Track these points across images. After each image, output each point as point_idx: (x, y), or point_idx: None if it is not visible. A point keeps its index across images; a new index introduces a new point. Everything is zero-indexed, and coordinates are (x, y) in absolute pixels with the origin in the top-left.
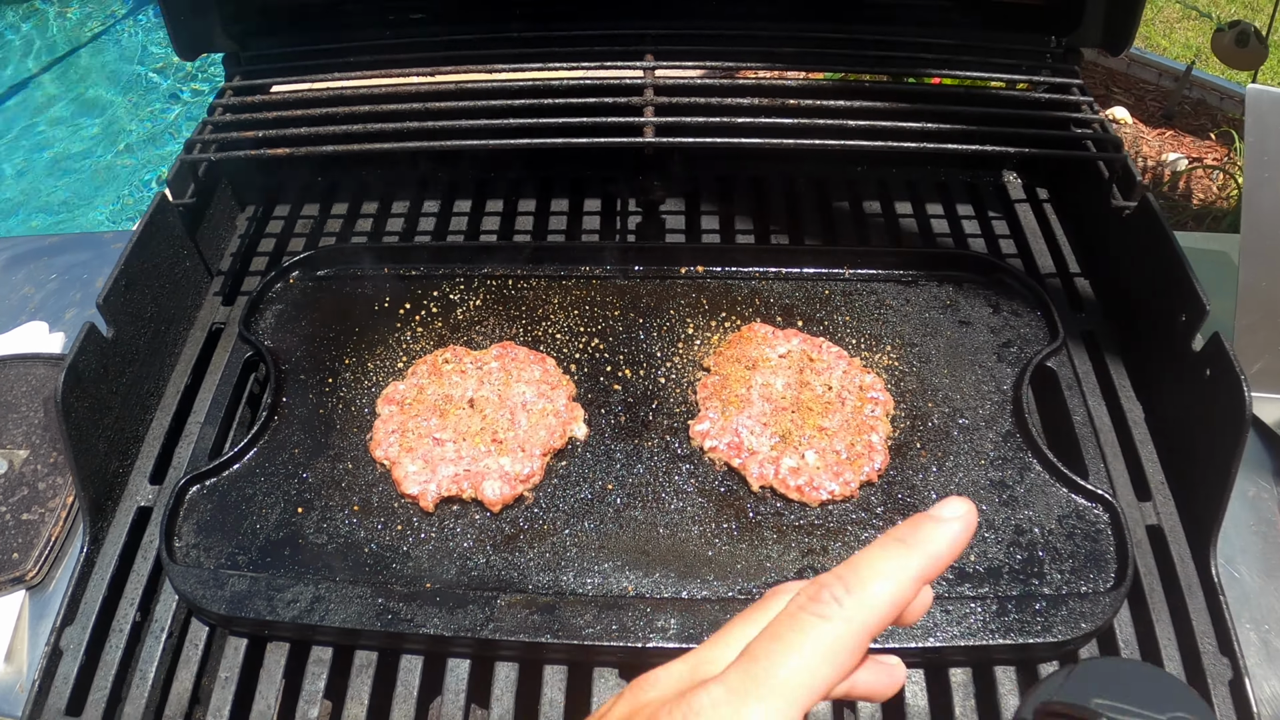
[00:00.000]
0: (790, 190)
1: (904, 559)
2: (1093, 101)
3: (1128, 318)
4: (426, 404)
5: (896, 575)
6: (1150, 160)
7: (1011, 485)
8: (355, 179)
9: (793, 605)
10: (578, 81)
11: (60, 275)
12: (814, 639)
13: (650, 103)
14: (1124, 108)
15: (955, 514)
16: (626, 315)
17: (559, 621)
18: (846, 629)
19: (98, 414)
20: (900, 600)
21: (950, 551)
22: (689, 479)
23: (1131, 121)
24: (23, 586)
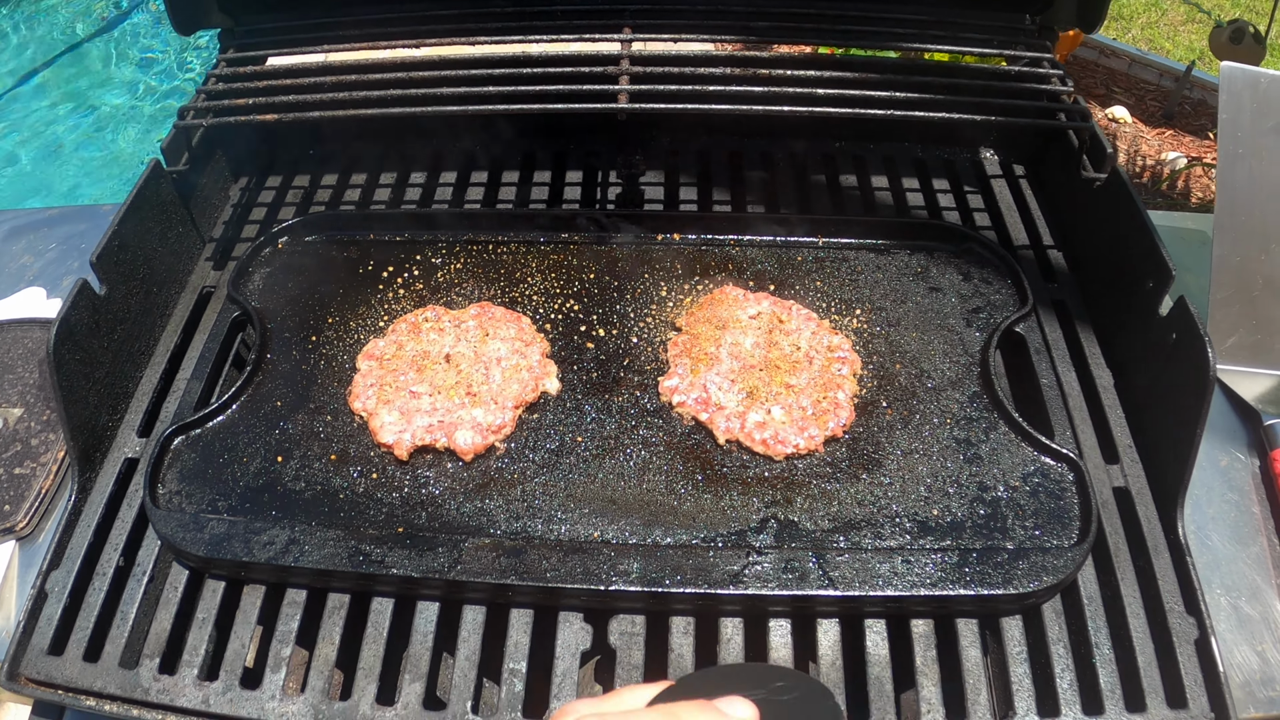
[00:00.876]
0: (768, 165)
1: None
2: (1064, 75)
3: (1098, 287)
4: (405, 359)
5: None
6: (1150, 159)
7: (976, 444)
8: (345, 152)
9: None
10: (557, 53)
11: (59, 245)
12: None
13: (626, 72)
14: (1124, 107)
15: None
16: (602, 278)
17: (525, 564)
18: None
19: (88, 368)
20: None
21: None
22: (657, 433)
23: (1131, 121)
24: (13, 537)
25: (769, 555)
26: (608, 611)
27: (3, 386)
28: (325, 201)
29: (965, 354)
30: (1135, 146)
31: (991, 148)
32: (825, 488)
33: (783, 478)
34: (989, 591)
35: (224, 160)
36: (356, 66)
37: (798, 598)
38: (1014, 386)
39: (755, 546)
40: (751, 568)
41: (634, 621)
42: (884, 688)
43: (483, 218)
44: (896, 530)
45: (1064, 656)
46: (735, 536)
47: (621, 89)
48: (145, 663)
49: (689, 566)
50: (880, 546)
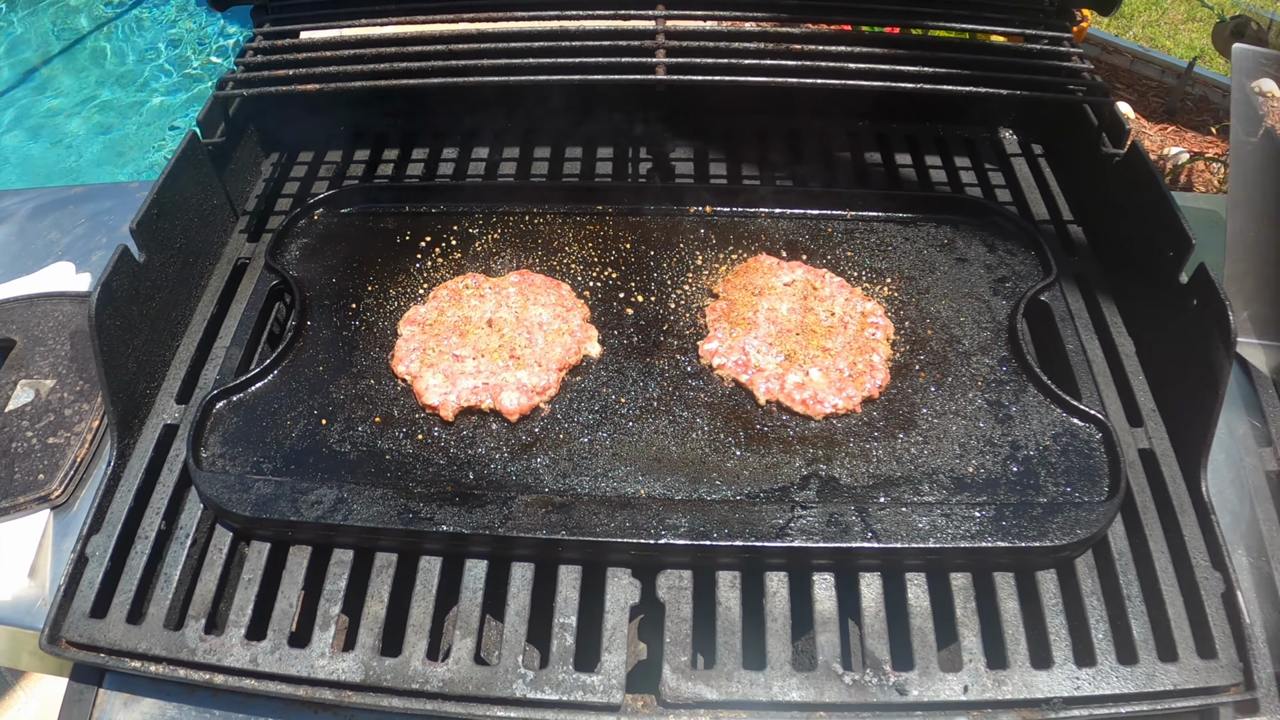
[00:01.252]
0: (795, 142)
1: None
2: (1082, 53)
3: (1119, 259)
4: (447, 325)
5: None
6: (1152, 154)
7: (1007, 405)
8: (376, 127)
9: None
10: (594, 28)
11: (88, 221)
12: None
13: (662, 45)
14: (1127, 103)
15: None
16: (638, 248)
17: (574, 520)
18: None
19: (128, 334)
20: None
21: None
22: (698, 394)
23: (1134, 117)
24: (48, 506)
25: (813, 510)
26: (655, 566)
27: (34, 358)
28: (358, 176)
29: (993, 321)
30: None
31: (1010, 127)
32: (864, 446)
33: (822, 437)
34: (1025, 544)
35: (255, 135)
36: (396, 39)
37: (841, 550)
38: (1039, 353)
39: (799, 501)
40: (796, 521)
41: (681, 576)
42: (926, 638)
43: (519, 190)
44: (934, 486)
45: (1098, 608)
46: (779, 492)
47: (659, 61)
48: (190, 624)
49: (735, 520)
50: (919, 502)
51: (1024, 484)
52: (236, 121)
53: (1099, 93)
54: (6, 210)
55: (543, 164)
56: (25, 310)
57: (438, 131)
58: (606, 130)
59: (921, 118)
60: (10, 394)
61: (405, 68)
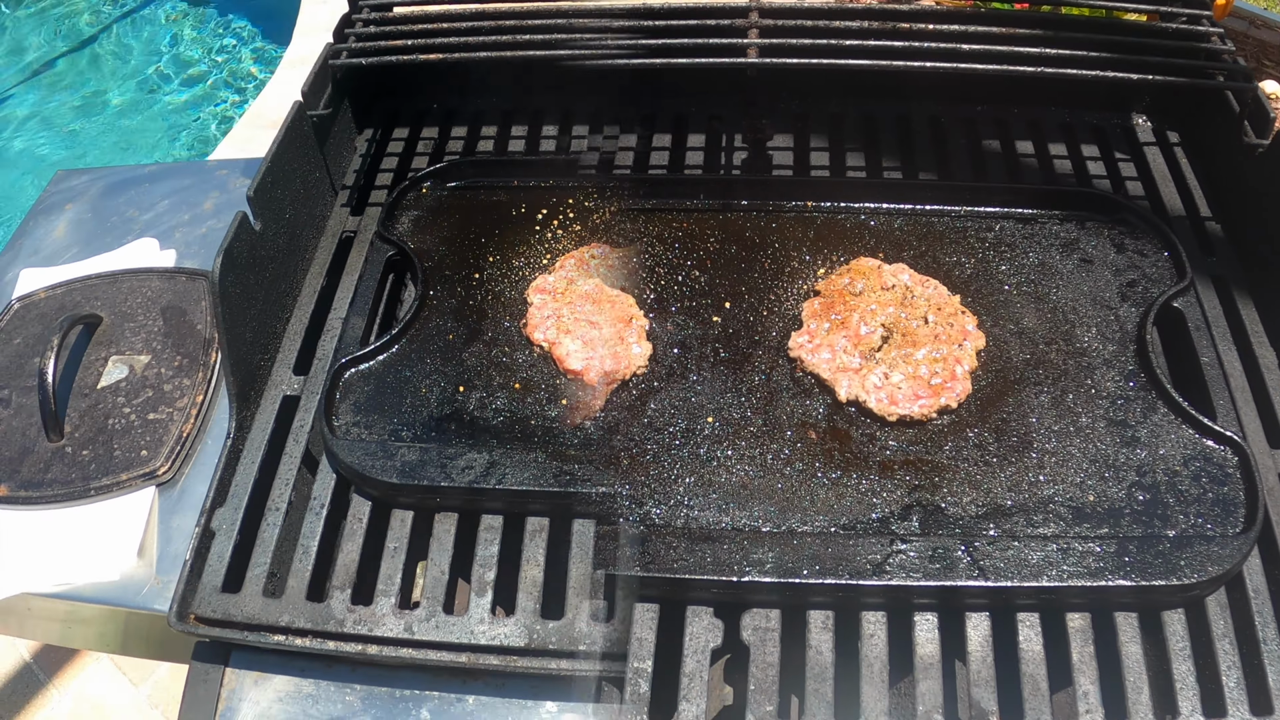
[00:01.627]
0: (904, 129)
1: None
2: (1223, 33)
3: (1261, 261)
4: (578, 293)
5: None
6: None
7: (1134, 425)
8: (472, 107)
9: None
10: (680, 3)
11: (169, 198)
12: None
13: (755, 24)
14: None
15: None
16: (727, 248)
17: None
18: None
19: (245, 302)
20: None
21: None
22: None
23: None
24: (154, 482)
25: (914, 543)
26: (740, 605)
27: (125, 334)
28: (457, 152)
29: (1120, 330)
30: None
31: (1144, 113)
32: (972, 471)
33: (927, 461)
34: (1151, 582)
35: (349, 112)
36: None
37: (946, 589)
38: (1171, 365)
39: (899, 534)
40: (895, 557)
41: (769, 616)
42: (1038, 685)
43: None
44: (1050, 517)
45: (1230, 653)
46: (877, 523)
47: (751, 43)
48: (335, 594)
49: (828, 556)
50: (1033, 534)
51: (1150, 514)
52: (336, 95)
53: (1241, 77)
54: (76, 189)
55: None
56: (109, 287)
57: (536, 109)
58: (698, 115)
59: (1046, 102)
60: (101, 370)
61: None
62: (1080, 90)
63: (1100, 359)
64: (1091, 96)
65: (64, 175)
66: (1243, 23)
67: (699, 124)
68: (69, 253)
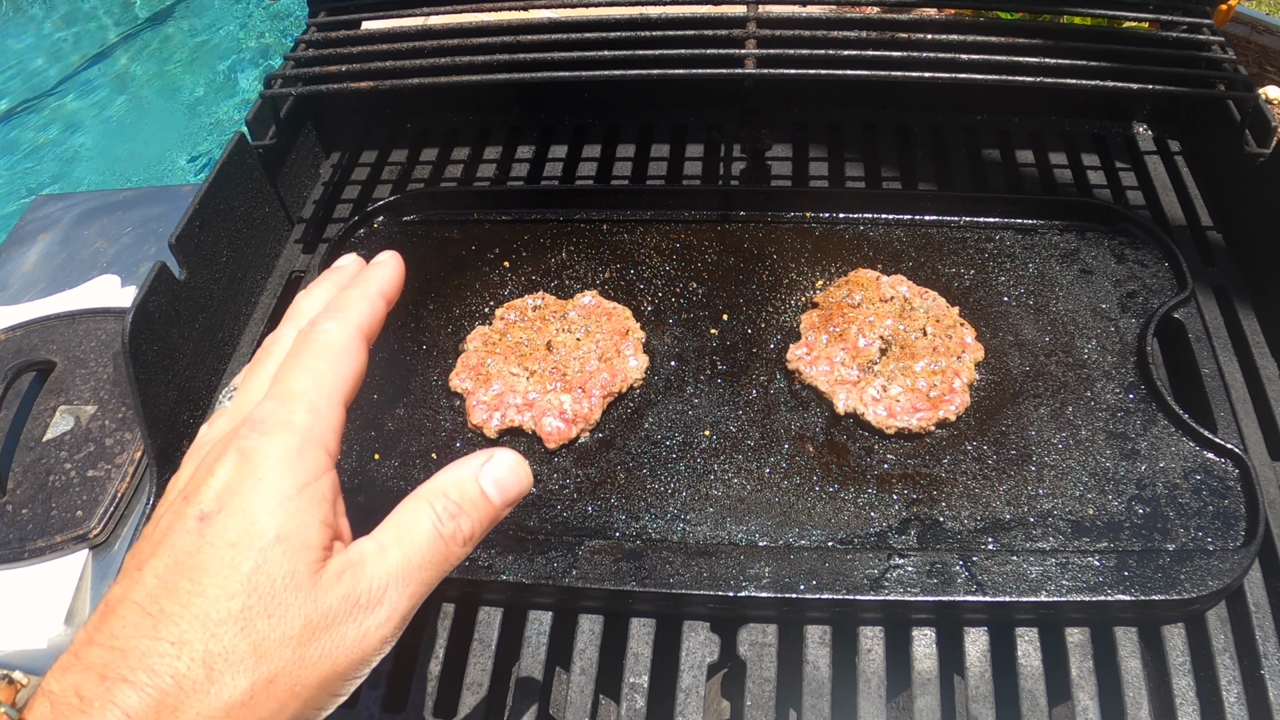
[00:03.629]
0: (904, 139)
1: (363, 286)
2: (1224, 41)
3: (1262, 271)
4: (508, 346)
5: (364, 292)
6: None
7: (1134, 438)
8: (445, 125)
9: (300, 334)
10: (677, 14)
11: (135, 229)
12: (318, 346)
13: (752, 35)
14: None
15: (383, 259)
16: (725, 260)
17: (645, 569)
18: (341, 331)
19: (167, 359)
20: (371, 309)
21: (388, 278)
22: (787, 424)
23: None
24: (86, 545)
25: (912, 557)
26: (737, 620)
27: (75, 382)
28: (424, 179)
29: (1120, 341)
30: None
31: (1145, 122)
32: (971, 485)
33: (925, 474)
34: (1150, 597)
35: (314, 135)
36: (460, 30)
37: (944, 604)
38: (1171, 376)
39: (897, 548)
40: (893, 571)
41: (765, 631)
42: (1037, 701)
43: (596, 195)
44: (1049, 531)
45: (1230, 667)
46: (875, 538)
47: (748, 53)
48: None
49: (825, 570)
50: (1032, 548)
51: (1150, 528)
52: (291, 120)
53: (1242, 86)
54: (51, 217)
55: (625, 164)
56: (66, 328)
57: (511, 128)
58: (696, 126)
59: (1046, 111)
60: (49, 421)
61: (469, 62)
62: (1081, 99)
63: (1100, 371)
64: (1092, 106)
65: (43, 201)
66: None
67: (697, 134)
68: (36, 288)
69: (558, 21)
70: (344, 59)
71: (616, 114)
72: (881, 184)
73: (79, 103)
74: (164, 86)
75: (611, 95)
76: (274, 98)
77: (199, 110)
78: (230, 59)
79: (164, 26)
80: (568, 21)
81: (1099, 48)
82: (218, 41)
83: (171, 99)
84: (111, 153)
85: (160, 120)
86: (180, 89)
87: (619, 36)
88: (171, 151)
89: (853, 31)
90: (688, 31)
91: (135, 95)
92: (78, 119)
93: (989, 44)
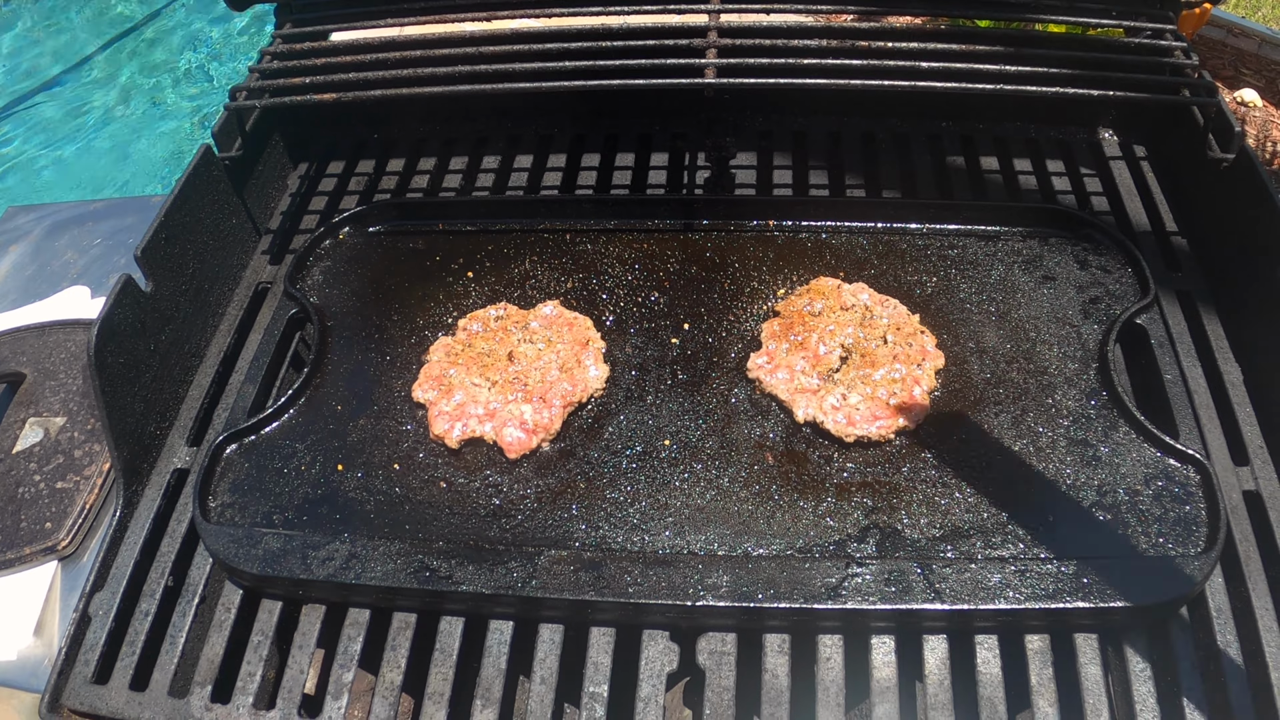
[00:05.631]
0: (868, 146)
1: None
2: (1188, 48)
3: (1227, 276)
4: (470, 356)
5: None
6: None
7: (1095, 444)
8: (412, 135)
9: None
10: (639, 25)
11: (105, 240)
12: None
13: (713, 44)
14: (1254, 90)
15: None
16: (688, 269)
17: (605, 579)
18: None
19: (133, 372)
20: None
21: None
22: (748, 433)
23: (1262, 105)
24: (55, 557)
25: (870, 566)
26: (696, 629)
27: (44, 394)
28: (391, 189)
29: (1082, 348)
30: (1265, 132)
31: (1110, 127)
32: (930, 493)
33: (885, 483)
34: (1110, 604)
35: (281, 145)
36: (423, 41)
37: (902, 612)
38: (1134, 382)
39: (855, 557)
40: (851, 580)
41: (724, 639)
42: (996, 709)
43: (560, 204)
44: (1009, 538)
45: (1190, 673)
46: (834, 546)
47: (708, 63)
48: (196, 691)
49: (783, 579)
50: (991, 556)
51: (1111, 535)
52: (258, 132)
53: (1205, 91)
54: (21, 228)
55: (590, 173)
56: (36, 340)
57: (477, 138)
58: (661, 135)
59: (1010, 118)
60: (19, 433)
61: (433, 74)
62: (1045, 106)
63: (1061, 377)
64: (1057, 112)
65: (14, 212)
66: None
67: (662, 143)
68: (6, 300)
69: (520, 33)
70: (309, 70)
71: (582, 124)
72: (846, 191)
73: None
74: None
75: (577, 105)
76: (239, 110)
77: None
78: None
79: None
80: (530, 33)
81: (1062, 54)
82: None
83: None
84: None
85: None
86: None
87: (580, 47)
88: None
89: (814, 40)
90: (649, 41)
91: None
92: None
93: (950, 51)
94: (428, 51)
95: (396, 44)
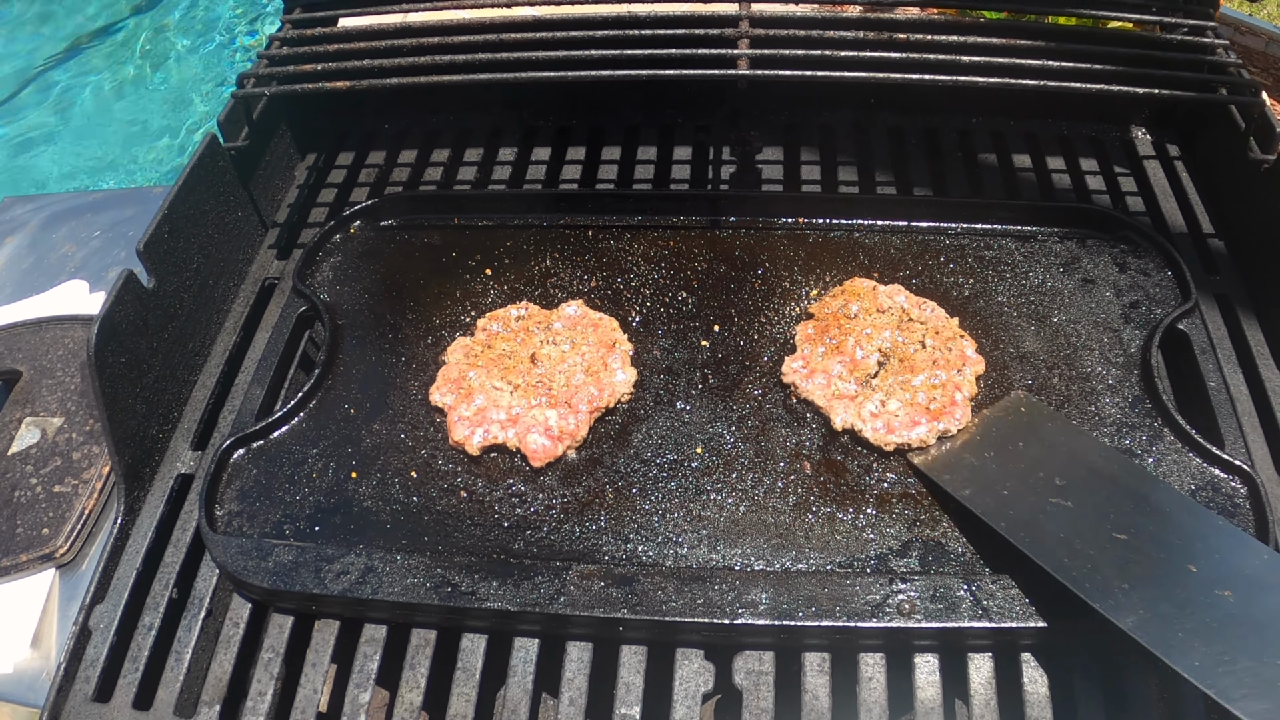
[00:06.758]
0: (898, 142)
1: None
2: (1228, 45)
3: (1268, 280)
4: (491, 358)
5: None
6: None
7: (1140, 454)
8: (425, 125)
9: None
10: (667, 13)
11: (104, 232)
12: None
13: (745, 34)
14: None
15: None
16: (716, 268)
17: (637, 595)
18: None
19: (135, 372)
20: None
21: None
22: (783, 441)
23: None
24: (52, 565)
25: (915, 582)
26: (732, 647)
27: (41, 393)
28: (403, 181)
29: (1124, 354)
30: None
31: (1144, 125)
32: None
33: (926, 493)
34: None
35: (289, 135)
36: (440, 28)
37: (949, 630)
38: (1176, 389)
39: (899, 572)
40: (895, 597)
41: (762, 659)
42: None
43: (582, 199)
44: None
45: None
46: (876, 561)
47: (741, 54)
48: (204, 710)
49: (825, 596)
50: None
51: None
52: (265, 121)
53: (1247, 90)
54: (19, 219)
55: (611, 166)
56: (33, 336)
57: (493, 129)
58: (684, 128)
59: (1043, 114)
60: (14, 434)
61: (449, 61)
62: (1078, 102)
63: (1104, 384)
64: (1089, 108)
65: (11, 203)
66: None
67: (685, 136)
68: (2, 294)
69: (542, 19)
70: (320, 57)
71: (601, 115)
72: (875, 188)
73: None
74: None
75: (596, 96)
76: (246, 98)
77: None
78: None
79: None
80: (552, 19)
81: (1099, 50)
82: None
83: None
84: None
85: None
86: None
87: (606, 35)
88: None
89: (848, 31)
90: (678, 31)
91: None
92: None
93: (989, 45)
94: (445, 39)
95: (412, 30)
